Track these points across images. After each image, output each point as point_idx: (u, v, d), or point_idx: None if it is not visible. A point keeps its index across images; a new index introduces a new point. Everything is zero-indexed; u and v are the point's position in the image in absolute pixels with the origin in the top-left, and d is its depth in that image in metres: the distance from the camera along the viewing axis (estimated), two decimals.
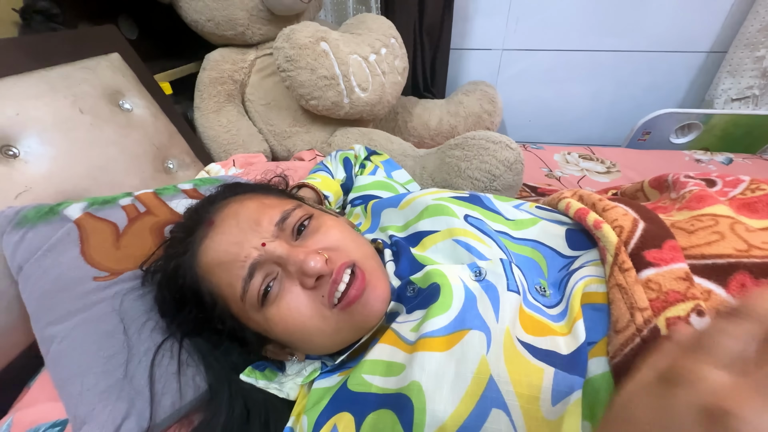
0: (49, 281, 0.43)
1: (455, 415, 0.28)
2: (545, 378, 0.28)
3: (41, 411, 0.39)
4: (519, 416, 0.27)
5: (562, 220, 0.44)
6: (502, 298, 0.34)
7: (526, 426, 0.27)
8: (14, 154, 0.51)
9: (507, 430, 0.27)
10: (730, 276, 0.30)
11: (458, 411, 0.28)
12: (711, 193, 0.41)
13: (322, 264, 0.35)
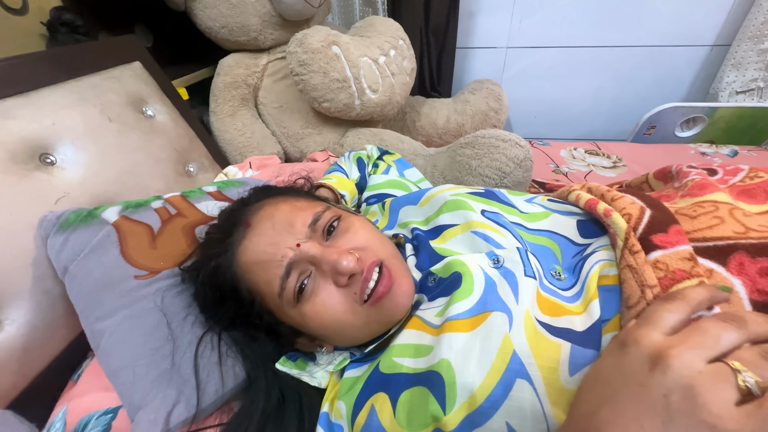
0: (94, 280, 0.46)
1: (483, 385, 0.30)
2: (563, 352, 0.31)
3: (93, 400, 0.42)
4: (541, 385, 0.30)
5: (573, 211, 0.47)
6: (520, 283, 0.36)
7: (548, 393, 0.30)
8: (52, 162, 0.54)
9: (531, 397, 0.30)
10: (730, 256, 0.33)
11: (486, 382, 0.30)
12: (712, 181, 0.43)
13: (355, 263, 0.37)
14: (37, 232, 0.49)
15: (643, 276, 0.33)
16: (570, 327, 0.34)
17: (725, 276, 0.33)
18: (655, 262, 0.34)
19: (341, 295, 0.39)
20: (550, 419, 0.29)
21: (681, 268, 0.33)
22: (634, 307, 0.32)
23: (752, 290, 0.31)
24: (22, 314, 0.46)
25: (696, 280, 0.32)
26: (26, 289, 0.46)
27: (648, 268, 0.34)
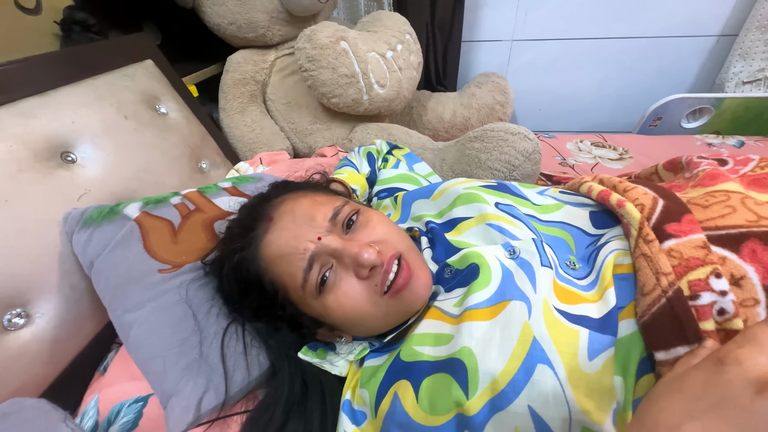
0: (120, 274, 0.47)
1: (505, 371, 0.32)
2: (581, 338, 0.33)
3: (123, 389, 0.44)
4: (562, 370, 0.31)
5: (585, 203, 0.48)
6: (537, 273, 0.37)
7: (568, 378, 0.31)
8: (73, 160, 0.55)
9: (552, 381, 0.31)
10: (743, 243, 0.34)
11: (507, 368, 0.32)
12: (723, 171, 0.44)
13: (375, 256, 0.38)
14: (62, 228, 0.51)
15: (657, 264, 0.34)
16: (587, 314, 0.35)
17: (738, 263, 0.34)
18: (669, 250, 0.35)
19: (362, 287, 0.40)
20: (571, 402, 0.30)
21: (695, 255, 0.34)
22: (649, 294, 0.34)
23: (765, 276, 0.32)
24: (51, 308, 0.47)
25: (710, 267, 0.33)
26: (54, 284, 0.48)
27: (663, 256, 0.35)
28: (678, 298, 0.32)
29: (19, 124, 0.50)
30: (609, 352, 0.32)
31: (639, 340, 0.33)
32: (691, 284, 0.32)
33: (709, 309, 0.31)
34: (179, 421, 0.38)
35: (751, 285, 0.32)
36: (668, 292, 0.32)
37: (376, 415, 0.38)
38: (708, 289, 0.32)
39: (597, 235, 0.44)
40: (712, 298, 0.31)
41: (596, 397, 0.31)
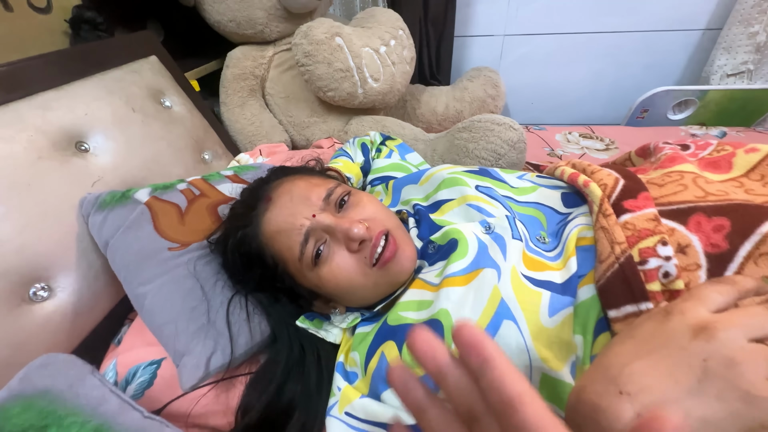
0: (133, 252, 0.52)
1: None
2: (543, 298, 0.37)
3: (139, 354, 0.49)
4: (524, 324, 0.36)
5: (558, 185, 0.52)
6: (508, 245, 0.42)
7: (530, 331, 0.36)
8: (86, 149, 0.60)
9: (515, 334, 0.35)
10: (689, 216, 0.38)
11: (477, 324, 0.36)
12: (682, 154, 0.49)
13: (364, 231, 0.42)
14: (79, 211, 0.55)
15: (613, 234, 0.39)
16: (551, 280, 0.40)
17: (684, 233, 0.38)
18: (625, 223, 0.39)
19: (353, 259, 0.44)
20: (531, 352, 0.35)
21: (646, 227, 0.38)
22: (605, 261, 0.38)
23: (706, 244, 0.37)
24: (71, 283, 0.52)
25: (658, 237, 0.37)
26: (73, 262, 0.52)
27: (618, 228, 0.39)
28: (628, 263, 0.36)
29: (38, 116, 0.54)
30: (567, 311, 0.37)
31: (596, 303, 0.37)
32: (641, 251, 0.37)
33: (655, 272, 0.36)
34: (190, 376, 0.43)
35: (694, 252, 0.37)
36: (620, 259, 0.37)
37: (366, 373, 0.42)
38: (655, 255, 0.36)
39: (566, 213, 0.49)
40: (658, 263, 0.36)
41: (555, 349, 0.36)
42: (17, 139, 0.51)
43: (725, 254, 0.36)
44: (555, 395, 0.35)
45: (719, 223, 0.37)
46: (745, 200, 0.39)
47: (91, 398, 0.32)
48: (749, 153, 0.46)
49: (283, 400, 0.44)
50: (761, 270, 0.34)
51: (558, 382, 0.34)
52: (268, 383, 0.45)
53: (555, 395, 0.35)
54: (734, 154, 0.48)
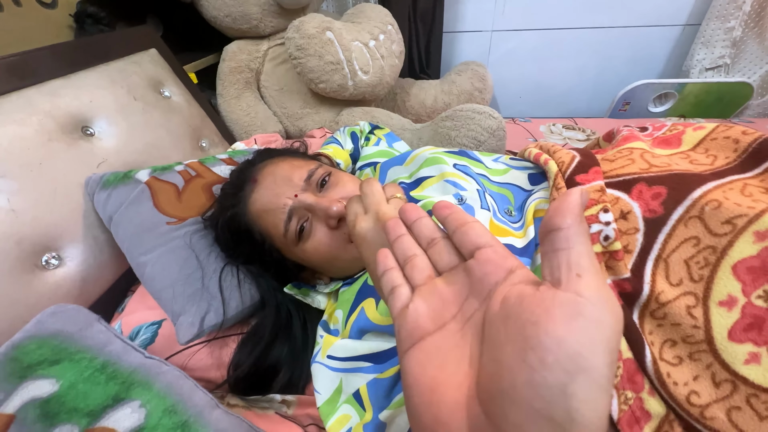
0: (135, 225, 0.56)
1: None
2: None
3: (141, 316, 0.54)
4: None
5: (527, 166, 0.57)
6: (476, 214, 0.47)
7: None
8: (92, 133, 0.64)
9: None
10: (633, 186, 0.43)
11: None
12: (636, 134, 0.53)
13: (342, 208, 0.46)
14: (85, 189, 0.60)
15: None
16: (512, 244, 0.45)
17: (627, 201, 0.43)
18: None
19: (334, 235, 0.48)
20: None
21: (592, 197, 0.43)
22: None
23: (645, 210, 0.41)
24: (78, 254, 0.56)
25: (601, 205, 0.42)
26: (80, 235, 0.57)
27: None
28: None
29: (47, 102, 0.59)
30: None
31: None
32: (587, 218, 0.42)
33: (597, 236, 0.41)
34: (186, 333, 0.47)
35: (634, 217, 0.41)
36: None
37: (346, 326, 0.47)
38: (597, 221, 0.41)
39: (530, 189, 0.54)
40: (599, 228, 0.41)
41: None
42: (29, 123, 0.56)
43: (660, 218, 0.40)
44: None
45: (657, 191, 0.42)
46: (686, 170, 0.44)
47: (98, 340, 0.37)
48: (696, 130, 0.51)
49: (271, 357, 0.49)
50: (690, 231, 0.39)
51: None
52: (258, 342, 0.50)
53: None
54: (684, 131, 0.52)
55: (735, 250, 0.35)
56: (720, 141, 0.48)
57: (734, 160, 0.45)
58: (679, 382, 0.35)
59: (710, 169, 0.45)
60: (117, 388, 0.33)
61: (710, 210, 0.38)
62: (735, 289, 0.34)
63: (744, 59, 1.23)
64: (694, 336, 0.35)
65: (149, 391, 0.33)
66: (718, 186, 0.40)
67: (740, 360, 0.32)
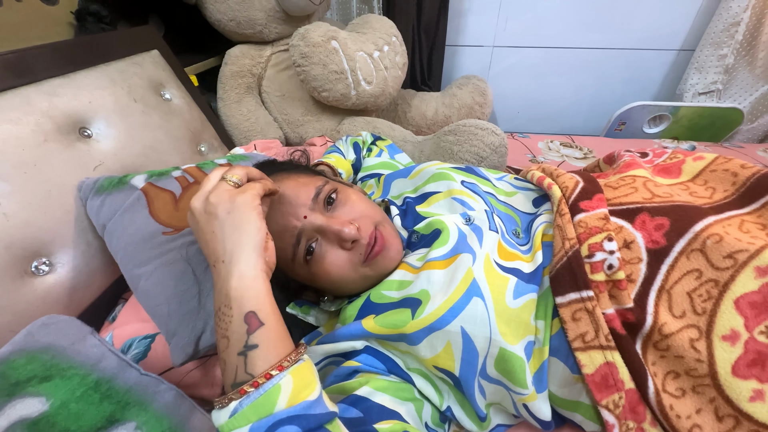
0: (129, 235, 0.55)
1: (447, 301, 0.40)
2: (510, 283, 0.42)
3: (134, 328, 0.52)
4: (491, 302, 0.40)
5: (531, 188, 0.58)
6: (485, 235, 0.46)
7: (495, 309, 0.40)
8: (89, 135, 0.63)
9: (482, 309, 0.40)
10: (636, 216, 0.43)
11: (449, 299, 0.40)
12: (638, 161, 0.54)
13: (356, 231, 0.44)
14: (77, 194, 0.58)
15: (564, 231, 0.44)
16: (519, 268, 0.45)
17: (630, 230, 0.43)
18: (579, 221, 0.44)
19: (346, 257, 0.46)
20: (492, 326, 0.40)
21: (596, 225, 0.43)
22: (557, 254, 0.43)
23: (648, 241, 0.42)
24: (69, 260, 0.55)
25: (605, 234, 0.42)
26: (72, 240, 0.55)
27: (570, 225, 0.44)
28: (575, 256, 0.41)
29: (45, 101, 0.57)
30: (530, 296, 0.42)
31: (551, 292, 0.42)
32: (590, 246, 0.42)
33: (600, 264, 0.41)
34: (180, 354, 0.46)
35: (637, 247, 0.42)
36: (569, 252, 0.42)
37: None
38: (601, 249, 0.41)
39: (535, 213, 0.54)
40: (603, 256, 0.41)
41: (513, 326, 0.40)
42: (25, 122, 0.54)
43: (663, 249, 0.41)
44: (506, 367, 0.39)
45: (660, 222, 0.43)
46: (687, 202, 0.45)
47: (91, 355, 0.35)
48: (696, 161, 0.52)
49: None
50: (692, 263, 0.39)
51: (511, 355, 0.39)
52: None
53: (506, 367, 0.39)
54: (684, 161, 0.53)
55: (737, 285, 0.36)
56: (719, 173, 0.49)
57: (732, 194, 0.46)
58: (682, 414, 0.35)
59: (709, 202, 0.46)
60: (112, 408, 0.32)
61: (712, 244, 0.38)
62: (738, 324, 0.35)
63: (735, 86, 1.27)
64: (698, 369, 0.35)
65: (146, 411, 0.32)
66: (718, 221, 0.41)
67: (745, 397, 0.32)
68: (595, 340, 0.39)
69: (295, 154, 0.69)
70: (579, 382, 0.41)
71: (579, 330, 0.39)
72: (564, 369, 0.41)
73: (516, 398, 0.40)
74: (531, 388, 0.39)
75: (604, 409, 0.38)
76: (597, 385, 0.38)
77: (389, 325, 0.42)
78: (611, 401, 0.38)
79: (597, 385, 0.38)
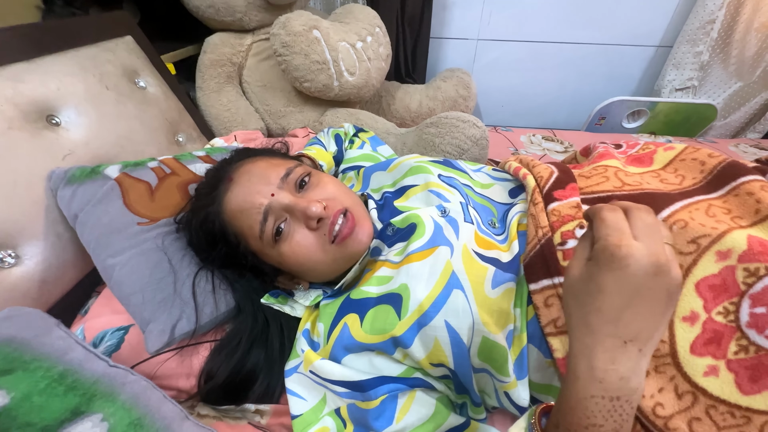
0: (103, 225, 0.53)
1: (429, 296, 0.41)
2: (488, 273, 0.43)
3: (106, 321, 0.51)
4: (471, 293, 0.41)
5: (507, 179, 0.58)
6: (461, 227, 0.47)
7: (475, 299, 0.41)
8: (57, 123, 0.60)
9: (462, 301, 0.40)
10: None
11: (431, 294, 0.41)
12: (611, 151, 0.55)
13: (321, 209, 0.45)
14: (47, 184, 0.56)
15: (537, 220, 0.45)
16: (498, 258, 0.45)
17: None
18: (552, 210, 0.45)
19: (313, 237, 0.47)
20: (474, 315, 0.40)
21: (569, 213, 0.44)
22: (530, 242, 0.44)
23: None
24: (38, 252, 0.53)
25: (577, 221, 0.43)
26: (41, 232, 0.54)
27: (543, 214, 0.45)
28: (548, 244, 0.42)
29: (9, 87, 0.55)
30: (508, 285, 0.43)
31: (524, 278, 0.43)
32: (563, 234, 0.43)
33: (572, 251, 0.42)
34: (155, 341, 0.45)
35: None
36: (542, 240, 0.43)
37: (328, 341, 0.46)
38: (573, 237, 0.42)
39: (510, 203, 0.55)
40: (575, 243, 0.42)
41: (494, 316, 0.41)
42: None
43: None
44: (490, 356, 0.40)
45: None
46: (657, 189, 0.46)
47: (57, 347, 0.34)
48: (667, 150, 0.54)
49: (248, 365, 0.48)
50: None
51: (494, 344, 0.40)
52: (233, 350, 0.48)
53: (490, 356, 0.40)
54: (655, 151, 0.55)
55: (698, 268, 0.37)
56: (688, 162, 0.51)
57: (700, 181, 0.48)
58: (646, 394, 0.36)
59: (678, 188, 0.47)
60: (77, 401, 0.31)
61: (677, 229, 0.40)
62: (697, 306, 0.36)
63: (710, 82, 1.31)
64: (660, 350, 0.36)
65: (113, 403, 0.31)
66: (685, 206, 0.42)
67: (700, 372, 0.34)
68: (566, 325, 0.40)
69: (276, 145, 0.69)
70: (551, 366, 0.42)
71: (551, 315, 0.40)
72: (538, 354, 0.42)
73: (498, 385, 0.41)
74: (512, 376, 0.40)
75: None
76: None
77: (379, 331, 0.42)
78: None
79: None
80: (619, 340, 0.26)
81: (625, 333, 0.26)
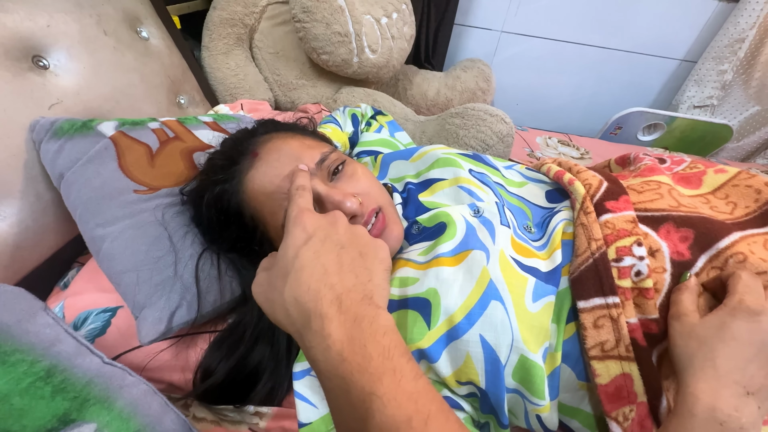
0: (93, 189, 0.47)
1: (463, 306, 0.36)
2: (528, 284, 0.38)
3: (90, 299, 0.44)
4: (510, 305, 0.37)
5: (543, 181, 0.54)
6: (497, 230, 0.42)
7: (515, 312, 0.37)
8: (45, 66, 0.52)
9: (501, 314, 0.36)
10: (661, 224, 0.41)
11: (465, 303, 0.36)
12: (660, 167, 0.52)
13: (358, 206, 0.40)
14: (29, 135, 0.49)
15: (591, 231, 0.41)
16: (537, 267, 0.41)
17: (656, 239, 0.41)
18: (605, 222, 0.41)
19: None
20: (515, 332, 0.36)
21: (625, 228, 0.40)
22: (581, 255, 0.40)
23: (673, 252, 0.40)
24: (14, 213, 0.46)
25: (635, 238, 0.39)
26: (18, 189, 0.47)
27: (596, 225, 0.41)
28: (602, 259, 0.38)
29: None
30: (549, 299, 0.39)
31: (569, 294, 0.39)
32: (618, 249, 0.39)
33: (628, 270, 0.38)
34: (151, 330, 0.39)
35: (662, 256, 0.39)
36: (596, 254, 0.39)
37: None
38: (630, 254, 0.38)
39: (550, 207, 0.50)
40: (632, 262, 0.38)
41: (534, 332, 0.37)
42: None
43: (687, 263, 0.39)
44: (526, 377, 0.36)
45: (685, 234, 0.40)
46: (711, 215, 0.43)
47: (43, 337, 0.28)
48: (718, 173, 0.50)
49: (251, 362, 0.43)
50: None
51: (533, 364, 0.36)
52: (236, 344, 0.43)
53: (526, 377, 0.36)
54: (705, 172, 0.51)
55: None
56: (741, 189, 0.47)
57: (755, 211, 0.44)
58: None
59: (731, 218, 0.44)
60: (66, 405, 0.25)
61: (734, 263, 0.37)
62: None
63: (728, 103, 1.29)
64: None
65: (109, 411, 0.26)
66: (743, 237, 0.39)
67: None
68: (614, 349, 0.37)
69: (302, 120, 0.62)
70: (583, 389, 0.38)
71: (599, 338, 0.36)
72: (570, 374, 0.38)
73: (530, 408, 0.37)
74: (547, 399, 0.36)
75: (613, 421, 0.36)
76: (609, 396, 0.36)
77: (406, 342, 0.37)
78: (621, 413, 0.36)
79: (609, 396, 0.36)
80: (743, 390, 0.28)
81: (750, 384, 0.28)
